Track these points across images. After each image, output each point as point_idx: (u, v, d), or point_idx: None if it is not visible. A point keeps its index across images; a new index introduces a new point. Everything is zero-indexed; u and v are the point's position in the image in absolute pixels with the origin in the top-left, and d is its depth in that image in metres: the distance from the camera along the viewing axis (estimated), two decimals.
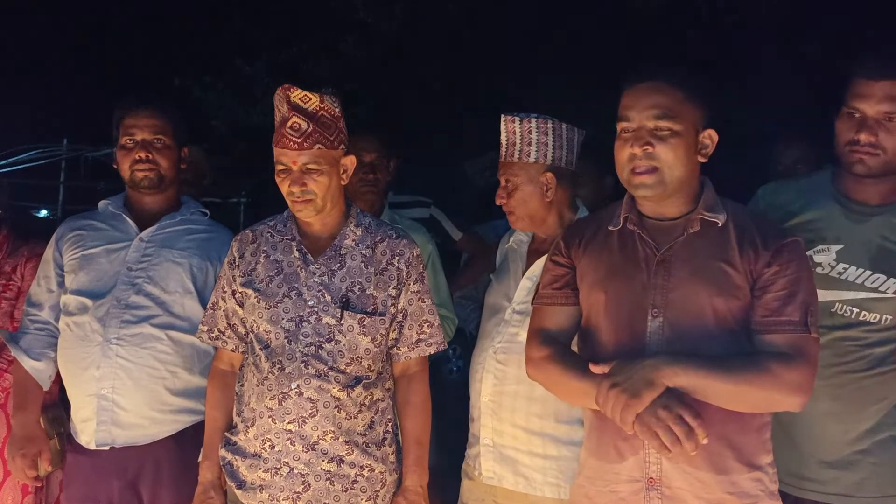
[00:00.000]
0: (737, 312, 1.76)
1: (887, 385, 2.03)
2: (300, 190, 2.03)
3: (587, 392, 1.76)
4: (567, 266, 1.97)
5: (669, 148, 1.77)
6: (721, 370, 1.68)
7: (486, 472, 2.23)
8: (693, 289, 1.76)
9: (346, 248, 2.12)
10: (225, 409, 2.17)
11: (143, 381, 2.31)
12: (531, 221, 2.28)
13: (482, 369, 2.25)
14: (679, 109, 1.77)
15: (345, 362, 2.05)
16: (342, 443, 2.04)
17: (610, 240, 1.91)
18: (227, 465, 2.10)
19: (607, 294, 1.84)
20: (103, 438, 2.32)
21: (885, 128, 1.96)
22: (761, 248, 1.78)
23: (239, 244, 2.19)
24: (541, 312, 1.98)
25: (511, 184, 2.26)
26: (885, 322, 2.01)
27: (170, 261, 2.40)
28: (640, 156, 1.78)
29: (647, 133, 1.77)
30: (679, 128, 1.77)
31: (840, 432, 2.04)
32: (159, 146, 2.44)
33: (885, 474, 2.05)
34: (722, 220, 1.81)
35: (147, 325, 2.33)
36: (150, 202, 2.49)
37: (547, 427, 2.15)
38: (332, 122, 2.05)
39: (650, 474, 1.76)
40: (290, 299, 2.06)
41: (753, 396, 1.71)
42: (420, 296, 2.16)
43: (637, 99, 1.80)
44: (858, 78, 1.99)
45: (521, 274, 2.30)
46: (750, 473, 1.75)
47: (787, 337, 1.73)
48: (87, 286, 2.39)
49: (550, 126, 2.22)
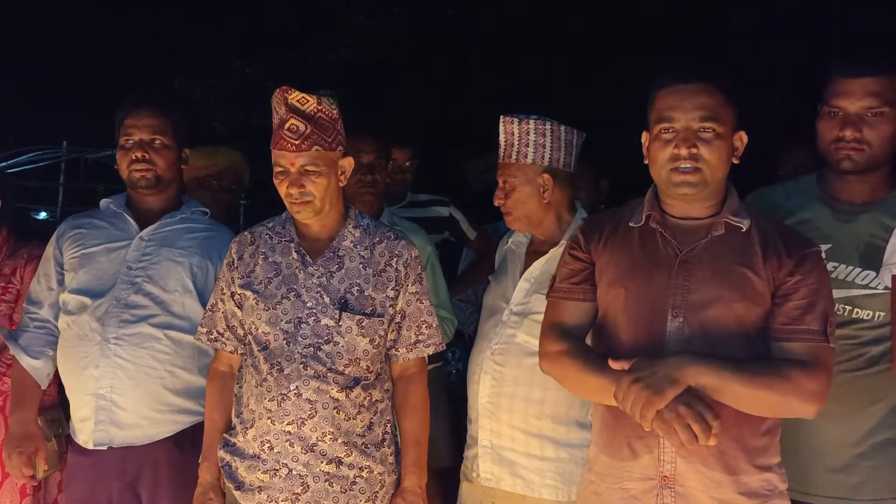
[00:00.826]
0: (756, 319, 1.77)
1: (884, 385, 2.04)
2: (298, 192, 2.03)
3: (605, 388, 1.76)
4: (586, 261, 1.95)
5: (714, 149, 1.77)
6: (743, 373, 1.69)
7: (484, 473, 2.23)
8: (714, 292, 1.76)
9: (345, 249, 2.12)
10: (224, 410, 2.17)
11: (142, 381, 2.31)
12: (529, 222, 2.29)
13: (480, 370, 2.25)
14: (721, 111, 1.78)
15: (343, 363, 2.05)
16: (341, 444, 2.04)
17: (631, 236, 1.89)
18: (225, 467, 2.10)
19: (627, 291, 1.84)
20: (101, 438, 2.32)
21: (868, 123, 2.01)
22: (784, 255, 1.78)
23: (238, 246, 2.19)
24: (557, 306, 1.96)
25: (508, 184, 2.26)
26: (877, 319, 2.03)
27: (170, 260, 2.40)
28: (685, 156, 1.77)
29: (692, 134, 1.77)
30: (722, 130, 1.78)
31: (838, 434, 2.05)
32: (157, 146, 2.43)
33: (881, 478, 2.05)
34: (746, 226, 1.81)
35: (146, 325, 2.33)
36: (150, 201, 2.49)
37: (545, 428, 2.16)
38: (330, 123, 2.06)
39: (664, 473, 1.76)
40: (288, 301, 2.07)
41: (771, 401, 1.72)
42: (418, 297, 2.16)
43: (682, 99, 1.79)
44: (837, 77, 2.04)
45: (518, 275, 2.30)
46: (760, 474, 1.77)
47: (806, 346, 1.74)
48: (86, 285, 2.39)
49: (548, 127, 2.22)
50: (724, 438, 1.71)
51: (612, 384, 1.73)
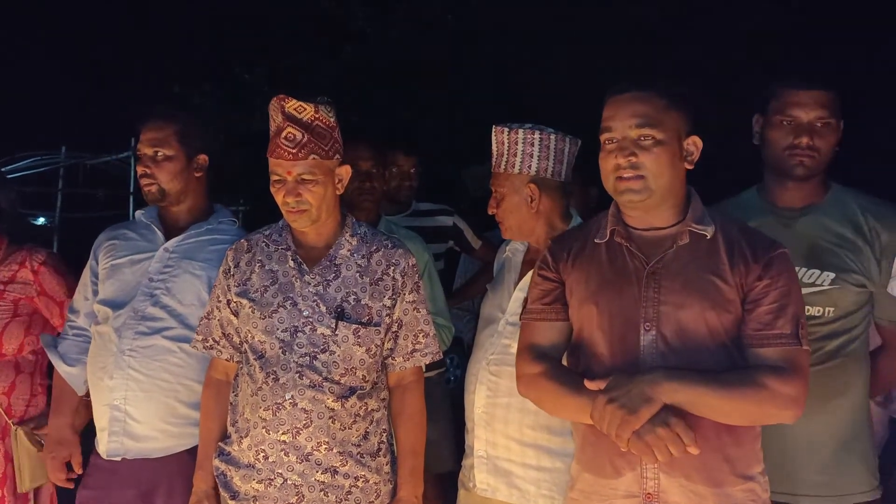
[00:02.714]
0: (729, 326, 1.76)
1: (843, 379, 2.13)
2: (295, 200, 2.02)
3: (582, 408, 1.75)
4: (555, 280, 1.95)
5: (653, 157, 1.77)
6: (717, 386, 1.68)
7: (480, 483, 2.22)
8: (685, 302, 1.76)
9: (342, 258, 2.11)
10: (219, 418, 2.16)
11: (155, 394, 2.30)
12: (520, 231, 2.29)
13: (476, 381, 2.25)
14: (661, 117, 1.78)
15: (339, 373, 2.04)
16: (336, 453, 2.03)
17: (598, 253, 1.90)
18: (220, 476, 2.09)
19: (599, 307, 1.83)
20: (115, 449, 2.31)
21: (818, 132, 2.15)
22: (751, 260, 1.78)
23: (234, 253, 2.19)
24: (531, 328, 1.96)
25: (499, 194, 2.27)
26: (828, 315, 2.13)
27: (188, 272, 2.38)
28: (624, 165, 1.78)
29: (630, 143, 1.78)
30: (662, 136, 1.77)
31: (806, 433, 2.09)
32: (159, 158, 2.41)
33: (851, 472, 2.12)
34: (710, 233, 1.81)
35: (159, 338, 2.32)
36: (173, 213, 2.49)
37: (540, 439, 2.15)
38: (327, 132, 2.05)
39: (648, 489, 1.75)
40: (284, 309, 2.06)
41: (749, 411, 1.71)
42: (415, 306, 2.15)
43: (618, 109, 1.80)
44: (788, 89, 2.18)
45: (514, 285, 2.30)
46: (744, 484, 1.76)
47: (780, 350, 1.73)
48: (110, 296, 2.40)
49: (538, 137, 2.21)
50: (706, 450, 1.69)
51: (589, 404, 1.72)
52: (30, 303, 2.63)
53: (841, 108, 2.18)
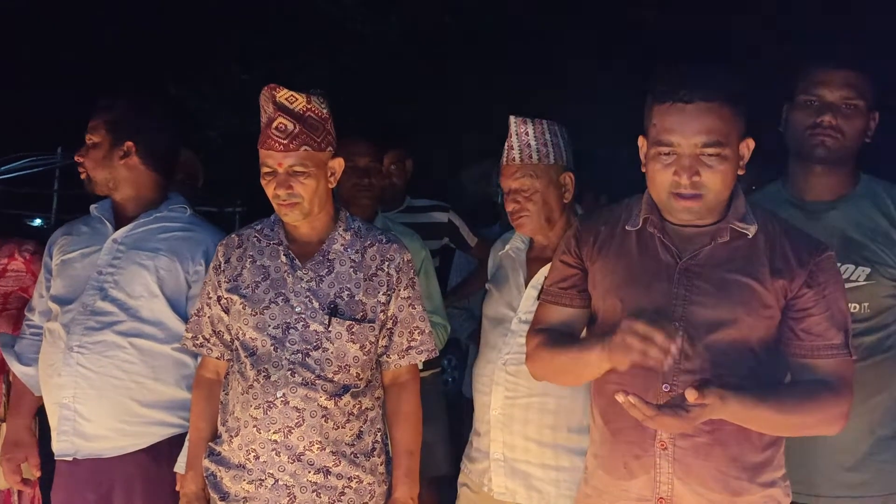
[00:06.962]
0: (761, 332, 1.68)
1: (883, 376, 2.05)
2: (286, 193, 1.98)
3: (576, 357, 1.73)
4: (576, 267, 1.87)
5: (718, 176, 1.64)
6: (772, 402, 1.63)
7: (498, 487, 2.17)
8: (717, 304, 1.67)
9: (335, 253, 2.06)
10: (210, 418, 2.11)
11: (107, 392, 2.23)
12: (543, 226, 2.21)
13: (490, 382, 2.19)
14: (727, 129, 1.63)
15: (332, 370, 1.99)
16: (329, 453, 1.98)
17: (627, 242, 1.79)
18: (210, 476, 2.05)
19: (624, 303, 1.73)
20: (65, 449, 2.25)
21: (843, 113, 2.05)
22: (796, 265, 1.69)
23: (224, 249, 2.14)
24: (544, 309, 1.92)
25: (530, 186, 2.18)
26: (864, 311, 2.04)
27: (136, 263, 2.30)
28: (686, 185, 1.64)
29: (695, 160, 1.63)
30: (727, 152, 1.64)
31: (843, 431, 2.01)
32: (89, 145, 2.37)
33: (890, 472, 2.05)
34: (752, 232, 1.71)
35: (109, 333, 2.24)
36: (120, 203, 2.42)
37: (559, 438, 2.10)
38: (320, 123, 2.00)
39: (661, 494, 1.70)
40: (276, 305, 2.01)
41: (799, 425, 1.69)
42: (411, 302, 2.11)
43: (682, 122, 1.62)
44: (817, 68, 2.09)
45: (522, 282, 2.24)
46: (764, 491, 1.70)
47: (831, 362, 1.68)
48: (60, 292, 2.34)
49: (557, 128, 2.23)
50: (723, 458, 1.64)
51: (581, 352, 1.70)
52: (23, 294, 2.59)
53: (875, 94, 2.07)
